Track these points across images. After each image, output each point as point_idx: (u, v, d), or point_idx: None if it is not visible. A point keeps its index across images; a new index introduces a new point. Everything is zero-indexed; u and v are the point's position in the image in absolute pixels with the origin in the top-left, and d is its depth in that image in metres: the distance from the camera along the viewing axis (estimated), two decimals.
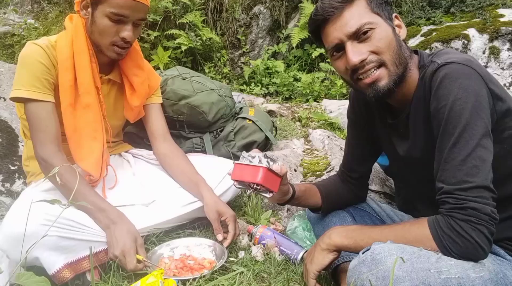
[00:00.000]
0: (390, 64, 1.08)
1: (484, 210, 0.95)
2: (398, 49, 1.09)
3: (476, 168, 0.96)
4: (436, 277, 0.94)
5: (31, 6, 4.22)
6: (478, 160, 0.96)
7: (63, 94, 1.44)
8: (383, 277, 0.95)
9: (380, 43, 1.07)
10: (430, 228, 1.00)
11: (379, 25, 1.08)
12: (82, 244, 1.28)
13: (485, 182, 0.96)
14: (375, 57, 1.08)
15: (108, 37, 1.43)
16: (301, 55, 3.92)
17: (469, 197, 0.95)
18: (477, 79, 1.01)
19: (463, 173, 0.97)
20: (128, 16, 1.41)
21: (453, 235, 0.96)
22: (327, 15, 1.10)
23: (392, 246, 0.99)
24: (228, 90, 2.25)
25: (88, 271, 1.31)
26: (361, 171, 1.45)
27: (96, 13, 1.42)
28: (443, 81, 1.01)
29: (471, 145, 0.97)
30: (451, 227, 0.96)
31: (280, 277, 1.35)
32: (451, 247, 0.97)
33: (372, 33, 1.07)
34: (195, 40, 3.60)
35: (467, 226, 0.94)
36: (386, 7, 1.12)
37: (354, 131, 1.43)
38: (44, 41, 1.46)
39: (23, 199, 1.32)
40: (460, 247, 0.96)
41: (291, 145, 2.46)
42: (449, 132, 1.00)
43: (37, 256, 1.22)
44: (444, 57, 1.07)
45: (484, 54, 3.19)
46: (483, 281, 0.95)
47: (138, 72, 1.62)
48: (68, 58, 1.44)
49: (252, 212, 1.78)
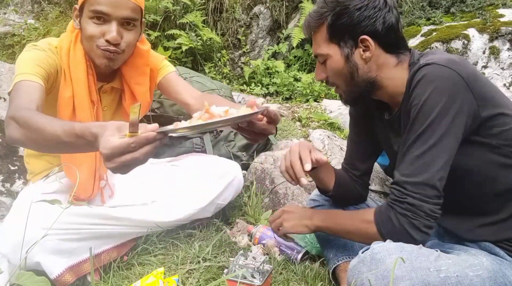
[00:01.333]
0: (343, 88, 1.21)
1: (421, 208, 1.01)
2: (349, 77, 1.17)
3: (426, 166, 1.02)
4: (435, 276, 0.94)
5: (31, 6, 4.22)
6: (430, 158, 1.02)
7: (61, 105, 1.37)
8: (382, 276, 0.95)
9: (330, 73, 1.20)
10: (374, 213, 1.10)
11: (330, 56, 1.17)
12: (83, 246, 1.28)
13: (431, 181, 1.02)
14: (331, 79, 1.22)
15: (93, 40, 1.32)
16: (301, 55, 3.92)
17: (410, 193, 1.02)
18: (456, 82, 1.01)
19: (413, 168, 1.03)
20: (109, 14, 1.28)
21: (389, 225, 1.06)
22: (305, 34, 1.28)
23: (391, 245, 1.00)
24: (228, 90, 2.25)
25: (89, 273, 1.31)
26: (363, 168, 1.46)
27: (82, 19, 1.34)
28: (420, 82, 1.04)
29: (429, 144, 1.02)
30: (389, 218, 1.06)
31: (280, 277, 1.35)
32: (385, 234, 1.06)
33: (326, 62, 1.19)
34: (195, 40, 3.60)
35: (403, 219, 1.03)
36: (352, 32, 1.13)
37: (356, 129, 1.44)
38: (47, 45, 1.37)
39: (23, 202, 1.31)
40: (394, 236, 1.04)
41: (291, 145, 2.46)
42: (414, 129, 1.05)
43: (38, 261, 1.22)
44: (427, 58, 1.09)
45: (484, 54, 3.19)
46: (481, 280, 0.96)
47: (142, 80, 1.52)
48: (67, 67, 1.37)
49: (252, 212, 1.78)
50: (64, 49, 1.37)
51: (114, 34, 1.30)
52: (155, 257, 1.47)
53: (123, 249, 1.45)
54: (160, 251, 1.51)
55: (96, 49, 1.33)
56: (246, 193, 1.88)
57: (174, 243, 1.55)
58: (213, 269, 1.38)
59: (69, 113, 1.37)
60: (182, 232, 1.60)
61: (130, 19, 1.33)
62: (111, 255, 1.39)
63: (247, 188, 1.88)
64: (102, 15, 1.29)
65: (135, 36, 1.38)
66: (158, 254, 1.49)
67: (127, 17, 1.32)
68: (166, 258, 1.48)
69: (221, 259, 1.45)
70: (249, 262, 1.26)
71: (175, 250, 1.52)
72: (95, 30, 1.30)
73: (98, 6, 1.27)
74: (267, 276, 1.24)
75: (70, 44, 1.38)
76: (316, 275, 1.37)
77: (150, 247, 1.50)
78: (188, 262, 1.44)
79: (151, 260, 1.45)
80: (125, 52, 1.38)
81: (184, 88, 1.55)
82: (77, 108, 1.38)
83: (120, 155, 0.83)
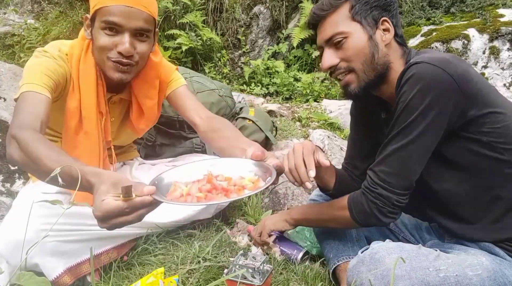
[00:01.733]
0: (359, 71, 1.16)
1: (388, 199, 1.09)
2: (370, 57, 1.15)
3: (401, 159, 1.08)
4: (435, 275, 0.95)
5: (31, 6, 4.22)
6: (406, 153, 1.07)
7: (67, 115, 1.34)
8: (382, 276, 0.96)
9: (350, 53, 1.15)
10: (348, 199, 1.19)
11: (353, 33, 1.15)
12: (82, 247, 1.28)
13: (402, 173, 1.08)
14: (344, 64, 1.17)
15: (104, 52, 1.27)
16: (301, 55, 3.92)
17: (381, 183, 1.10)
18: (443, 81, 1.02)
19: (389, 160, 1.09)
20: (122, 25, 1.23)
21: (361, 208, 1.14)
22: (313, 21, 1.21)
23: (390, 245, 1.00)
24: (228, 90, 2.25)
25: (89, 274, 1.31)
26: (363, 168, 1.45)
27: (94, 30, 1.29)
28: (408, 80, 1.05)
29: (406, 140, 1.06)
30: (360, 202, 1.14)
31: (280, 277, 1.35)
32: (358, 218, 1.16)
33: (344, 41, 1.15)
34: (195, 40, 3.60)
35: (373, 205, 1.11)
36: (373, 13, 1.15)
37: (356, 128, 1.45)
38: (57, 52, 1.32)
39: (22, 202, 1.30)
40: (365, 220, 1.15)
41: (291, 145, 2.47)
42: (397, 124, 1.09)
43: (36, 262, 1.21)
44: (419, 57, 1.10)
45: (484, 54, 3.19)
46: (480, 279, 0.96)
47: (151, 93, 1.46)
48: (76, 78, 1.33)
49: (252, 212, 1.78)
50: (75, 57, 1.33)
51: (127, 46, 1.24)
52: (155, 257, 1.47)
53: (123, 249, 1.45)
54: (160, 251, 1.51)
55: (107, 61, 1.28)
56: None
57: (174, 243, 1.55)
58: (213, 269, 1.38)
59: (76, 123, 1.35)
60: (182, 232, 1.60)
61: (144, 30, 1.27)
62: (111, 255, 1.39)
63: None
64: (114, 26, 1.24)
65: (149, 47, 1.33)
66: (158, 254, 1.49)
67: (140, 28, 1.26)
68: (166, 258, 1.48)
69: (221, 259, 1.45)
70: (249, 262, 1.26)
71: (175, 250, 1.52)
72: (107, 41, 1.25)
73: (110, 16, 1.22)
74: (267, 276, 1.24)
75: (81, 53, 1.34)
76: (316, 275, 1.38)
77: (150, 247, 1.50)
78: (188, 262, 1.44)
79: (151, 260, 1.45)
80: (139, 64, 1.33)
81: (193, 106, 1.49)
82: (84, 119, 1.35)
83: (113, 218, 0.82)
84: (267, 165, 0.92)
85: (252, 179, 0.89)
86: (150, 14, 1.29)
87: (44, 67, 1.25)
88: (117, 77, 1.29)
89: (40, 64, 1.26)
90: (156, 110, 1.51)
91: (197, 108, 1.48)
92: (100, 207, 0.81)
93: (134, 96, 1.46)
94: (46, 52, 1.29)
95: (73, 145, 1.36)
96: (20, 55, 3.38)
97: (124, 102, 1.51)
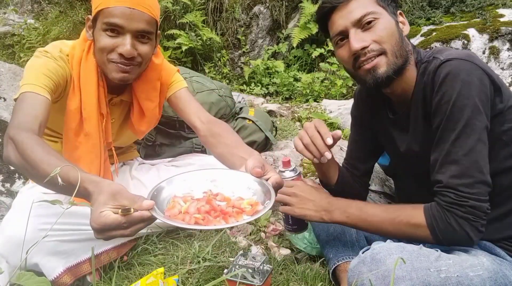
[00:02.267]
0: (390, 54, 1.11)
1: (481, 208, 1.00)
2: (400, 41, 1.12)
3: (477, 163, 1.00)
4: (436, 276, 0.94)
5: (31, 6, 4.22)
6: (479, 155, 1.00)
7: (68, 117, 1.33)
8: (383, 276, 0.95)
9: (382, 33, 1.10)
10: (425, 216, 1.05)
11: (383, 16, 1.12)
12: (82, 247, 1.28)
13: (485, 177, 1.01)
14: (376, 46, 1.10)
15: (104, 53, 1.26)
16: (301, 55, 3.92)
17: (469, 195, 1.00)
18: (480, 74, 1.02)
19: (463, 168, 1.01)
20: (123, 27, 1.22)
21: (449, 229, 1.02)
22: (335, 2, 1.14)
23: (391, 246, 1.00)
24: (228, 90, 2.25)
25: (88, 274, 1.30)
26: (363, 169, 1.46)
27: (96, 31, 1.28)
28: (446, 78, 1.03)
29: (473, 140, 1.00)
30: (447, 222, 1.02)
31: (280, 277, 1.35)
32: (443, 239, 1.03)
33: (375, 22, 1.10)
34: (195, 40, 3.60)
35: (465, 223, 1.00)
36: (392, 3, 1.15)
37: (358, 128, 1.44)
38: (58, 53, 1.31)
39: (22, 202, 1.30)
40: (453, 239, 1.03)
41: (291, 145, 2.47)
42: (450, 127, 1.02)
43: (36, 262, 1.21)
44: (446, 53, 1.08)
45: (484, 54, 3.19)
46: (481, 280, 0.96)
47: (152, 95, 1.45)
48: (77, 78, 1.32)
49: None
50: (76, 58, 1.32)
51: (128, 48, 1.23)
52: (155, 257, 1.47)
53: (123, 249, 1.45)
54: (160, 251, 1.51)
55: (108, 63, 1.27)
56: None
57: (174, 243, 1.55)
58: (213, 269, 1.38)
59: (76, 125, 1.34)
60: (182, 232, 1.60)
61: (145, 32, 1.27)
62: (111, 255, 1.39)
63: None
64: (115, 27, 1.23)
65: (150, 49, 1.32)
66: (158, 254, 1.49)
67: (142, 30, 1.25)
68: (166, 258, 1.48)
69: (221, 259, 1.45)
70: (249, 262, 1.25)
71: (175, 250, 1.52)
72: (108, 43, 1.24)
73: (112, 18, 1.21)
74: (267, 276, 1.24)
75: (82, 54, 1.33)
76: (316, 275, 1.37)
77: (150, 247, 1.50)
78: (188, 262, 1.44)
79: (151, 260, 1.45)
80: (142, 65, 1.32)
81: (193, 109, 1.47)
82: (85, 120, 1.34)
83: (110, 231, 0.81)
84: (268, 186, 0.92)
85: (251, 201, 0.89)
86: (152, 16, 1.28)
87: (45, 68, 1.24)
88: (119, 77, 1.28)
89: (41, 64, 1.25)
90: (157, 112, 1.51)
91: (197, 111, 1.46)
92: (97, 219, 0.80)
93: (136, 98, 1.45)
94: (47, 53, 1.29)
95: (74, 146, 1.35)
96: (20, 55, 3.38)
97: (124, 104, 1.50)
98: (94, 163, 1.37)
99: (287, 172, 1.26)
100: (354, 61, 1.15)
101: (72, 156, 1.34)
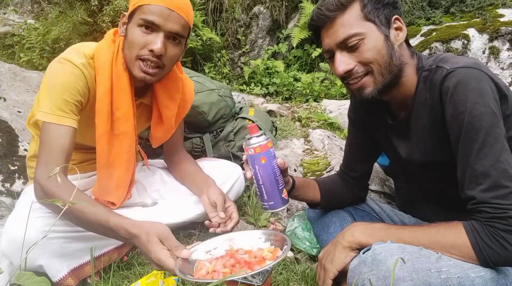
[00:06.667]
0: (377, 73, 1.09)
1: None
2: (388, 58, 1.08)
3: (506, 172, 0.95)
4: (437, 277, 0.94)
5: (31, 6, 4.22)
6: (506, 163, 0.96)
7: (100, 120, 1.32)
8: (383, 277, 0.95)
9: (367, 54, 1.08)
10: (468, 236, 0.98)
11: (369, 34, 1.07)
12: (85, 248, 1.28)
13: None
14: (361, 67, 1.09)
15: (136, 49, 1.26)
16: (301, 55, 3.92)
17: (506, 206, 0.94)
18: (488, 81, 1.00)
19: (495, 179, 0.95)
20: (159, 25, 1.23)
21: (494, 246, 0.95)
22: (320, 22, 1.12)
23: (392, 246, 1.00)
24: (228, 90, 2.25)
25: (89, 276, 1.31)
26: (361, 170, 1.45)
27: (129, 25, 1.28)
28: (457, 87, 1.00)
29: (497, 149, 0.96)
30: (492, 237, 0.95)
31: (280, 277, 1.35)
32: (491, 257, 0.96)
33: (360, 43, 1.07)
34: (195, 40, 3.60)
35: (509, 236, 0.94)
36: (385, 11, 1.10)
37: (355, 131, 1.43)
38: (81, 58, 1.29)
39: (27, 202, 1.30)
40: (500, 257, 0.96)
41: (291, 145, 2.47)
42: (471, 137, 0.98)
43: (40, 264, 1.21)
44: (451, 62, 1.06)
45: (484, 54, 3.19)
46: (483, 281, 0.95)
47: (170, 105, 1.47)
48: (107, 79, 1.30)
49: (252, 212, 1.78)
50: (105, 60, 1.31)
51: (159, 45, 1.24)
52: None
53: (123, 249, 1.44)
54: None
55: (136, 60, 1.27)
56: (246, 193, 1.88)
57: None
58: None
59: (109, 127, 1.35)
60: (182, 232, 1.60)
61: (178, 34, 1.28)
62: (112, 256, 1.39)
63: (247, 188, 1.88)
64: (151, 24, 1.24)
65: (179, 53, 1.33)
66: None
67: (176, 32, 1.27)
68: None
69: None
70: None
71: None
72: (140, 38, 1.25)
73: (150, 15, 1.23)
74: (267, 276, 1.24)
75: (113, 55, 1.33)
76: (316, 275, 1.37)
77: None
78: None
79: None
80: (165, 68, 1.32)
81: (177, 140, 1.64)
82: (118, 120, 1.35)
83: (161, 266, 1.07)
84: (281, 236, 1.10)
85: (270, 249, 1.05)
86: (188, 22, 1.30)
87: (66, 90, 1.24)
88: (142, 76, 1.28)
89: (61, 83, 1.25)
90: (173, 121, 1.52)
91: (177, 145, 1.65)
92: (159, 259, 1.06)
93: (156, 104, 1.47)
94: (67, 61, 1.27)
95: (107, 149, 1.36)
96: (20, 55, 3.38)
97: (143, 107, 1.51)
98: (131, 161, 1.40)
99: (253, 138, 1.16)
100: (341, 79, 1.15)
101: (108, 160, 1.37)
